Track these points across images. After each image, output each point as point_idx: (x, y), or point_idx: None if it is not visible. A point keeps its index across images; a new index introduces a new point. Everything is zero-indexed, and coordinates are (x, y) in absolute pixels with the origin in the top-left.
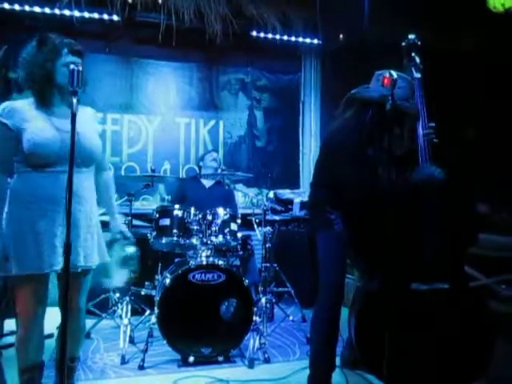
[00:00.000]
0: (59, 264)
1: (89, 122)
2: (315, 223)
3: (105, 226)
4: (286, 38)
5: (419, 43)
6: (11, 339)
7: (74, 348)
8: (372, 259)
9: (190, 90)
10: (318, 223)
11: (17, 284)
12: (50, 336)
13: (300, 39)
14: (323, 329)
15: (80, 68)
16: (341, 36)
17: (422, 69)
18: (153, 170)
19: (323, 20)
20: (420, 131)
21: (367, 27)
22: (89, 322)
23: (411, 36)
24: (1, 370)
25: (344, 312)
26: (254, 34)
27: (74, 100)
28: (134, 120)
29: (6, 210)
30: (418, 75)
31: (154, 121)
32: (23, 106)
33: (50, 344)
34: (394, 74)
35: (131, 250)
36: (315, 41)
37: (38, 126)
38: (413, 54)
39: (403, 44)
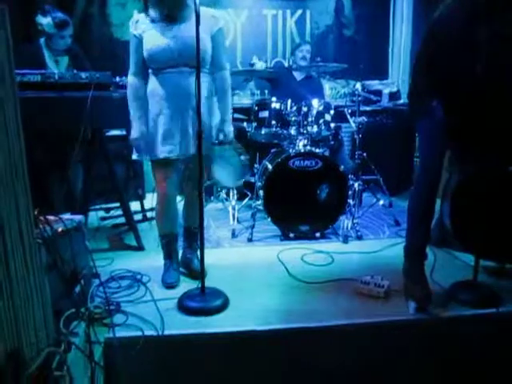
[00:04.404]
0: (175, 152)
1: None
2: (416, 111)
3: None
4: None
5: None
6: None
7: (197, 219)
8: (472, 144)
9: None
10: (419, 111)
11: (152, 167)
12: None
13: None
14: (421, 205)
15: None
16: None
17: None
18: (251, 65)
19: None
20: None
21: None
22: None
23: None
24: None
25: None
26: None
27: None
28: (222, 15)
29: None
30: None
31: (241, 14)
32: (144, 17)
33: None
34: None
35: (244, 157)
36: None
37: (150, 35)
38: None
39: None
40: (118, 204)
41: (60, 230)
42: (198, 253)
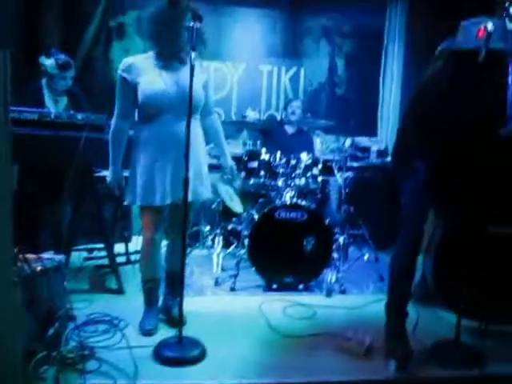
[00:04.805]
0: (168, 199)
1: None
2: (400, 171)
3: None
4: None
5: None
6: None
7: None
8: (454, 202)
9: (274, 37)
10: (403, 171)
11: (140, 212)
12: None
13: None
14: (403, 261)
15: (199, 25)
16: None
17: None
18: (244, 117)
19: None
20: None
21: None
22: None
23: None
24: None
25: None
26: None
27: (193, 54)
28: (220, 67)
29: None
30: None
31: (239, 67)
32: (140, 61)
33: None
34: (490, 26)
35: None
36: None
37: (149, 79)
38: (506, 4)
39: None
40: (102, 245)
41: (39, 269)
42: None
